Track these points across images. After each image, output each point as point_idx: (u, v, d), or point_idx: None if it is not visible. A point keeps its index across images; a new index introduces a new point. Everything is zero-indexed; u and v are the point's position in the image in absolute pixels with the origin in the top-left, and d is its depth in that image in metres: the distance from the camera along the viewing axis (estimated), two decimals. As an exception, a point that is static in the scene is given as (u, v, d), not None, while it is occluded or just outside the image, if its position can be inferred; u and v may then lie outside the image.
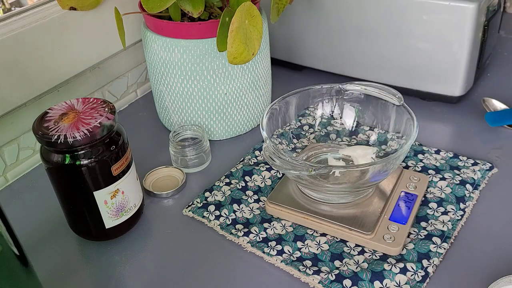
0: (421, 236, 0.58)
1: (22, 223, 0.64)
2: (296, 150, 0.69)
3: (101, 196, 0.56)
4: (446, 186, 0.64)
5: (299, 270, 0.55)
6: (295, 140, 0.69)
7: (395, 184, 0.63)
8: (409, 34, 0.77)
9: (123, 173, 0.57)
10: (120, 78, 0.89)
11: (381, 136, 0.67)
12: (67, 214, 0.60)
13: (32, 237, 0.62)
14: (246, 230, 0.61)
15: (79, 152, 0.53)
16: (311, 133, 0.72)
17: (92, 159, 0.54)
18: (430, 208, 0.62)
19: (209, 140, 0.77)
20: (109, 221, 0.59)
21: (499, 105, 0.78)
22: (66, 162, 0.54)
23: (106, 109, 0.56)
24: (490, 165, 0.67)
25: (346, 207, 0.61)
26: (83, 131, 0.52)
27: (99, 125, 0.54)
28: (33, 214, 0.66)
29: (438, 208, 0.62)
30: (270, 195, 0.63)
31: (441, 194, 0.64)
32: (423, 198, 0.63)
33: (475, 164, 0.68)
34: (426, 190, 0.64)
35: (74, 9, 0.74)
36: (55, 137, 0.52)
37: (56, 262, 0.59)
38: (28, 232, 0.63)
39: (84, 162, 0.54)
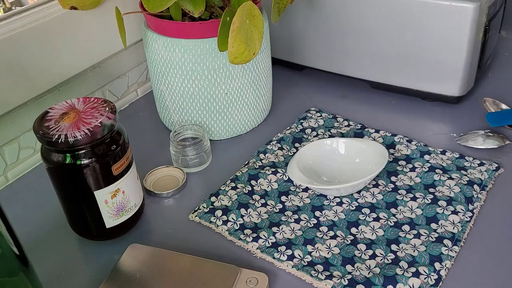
0: (432, 238, 0.58)
1: (22, 223, 0.64)
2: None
3: (102, 196, 0.56)
4: (455, 185, 0.64)
5: (311, 275, 0.54)
6: (297, 144, 0.69)
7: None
8: (409, 34, 0.77)
9: (123, 172, 0.57)
10: (121, 77, 0.89)
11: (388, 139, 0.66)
12: (68, 214, 0.60)
13: (32, 237, 0.62)
14: (255, 235, 0.60)
15: (80, 152, 0.53)
16: (313, 136, 0.71)
17: (93, 158, 0.54)
18: (440, 207, 0.61)
19: (210, 139, 0.76)
20: (110, 221, 0.59)
21: (500, 106, 0.78)
22: (67, 162, 0.54)
23: (107, 108, 0.56)
24: (497, 165, 0.67)
25: None
26: (83, 131, 0.52)
27: (99, 125, 0.53)
28: (33, 214, 0.66)
29: (448, 207, 0.61)
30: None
31: (450, 193, 0.63)
32: (432, 197, 0.63)
33: (481, 164, 0.67)
34: (435, 189, 0.64)
35: (75, 8, 0.74)
36: (56, 136, 0.52)
37: (56, 262, 0.59)
38: (28, 232, 0.63)
39: (85, 161, 0.54)
